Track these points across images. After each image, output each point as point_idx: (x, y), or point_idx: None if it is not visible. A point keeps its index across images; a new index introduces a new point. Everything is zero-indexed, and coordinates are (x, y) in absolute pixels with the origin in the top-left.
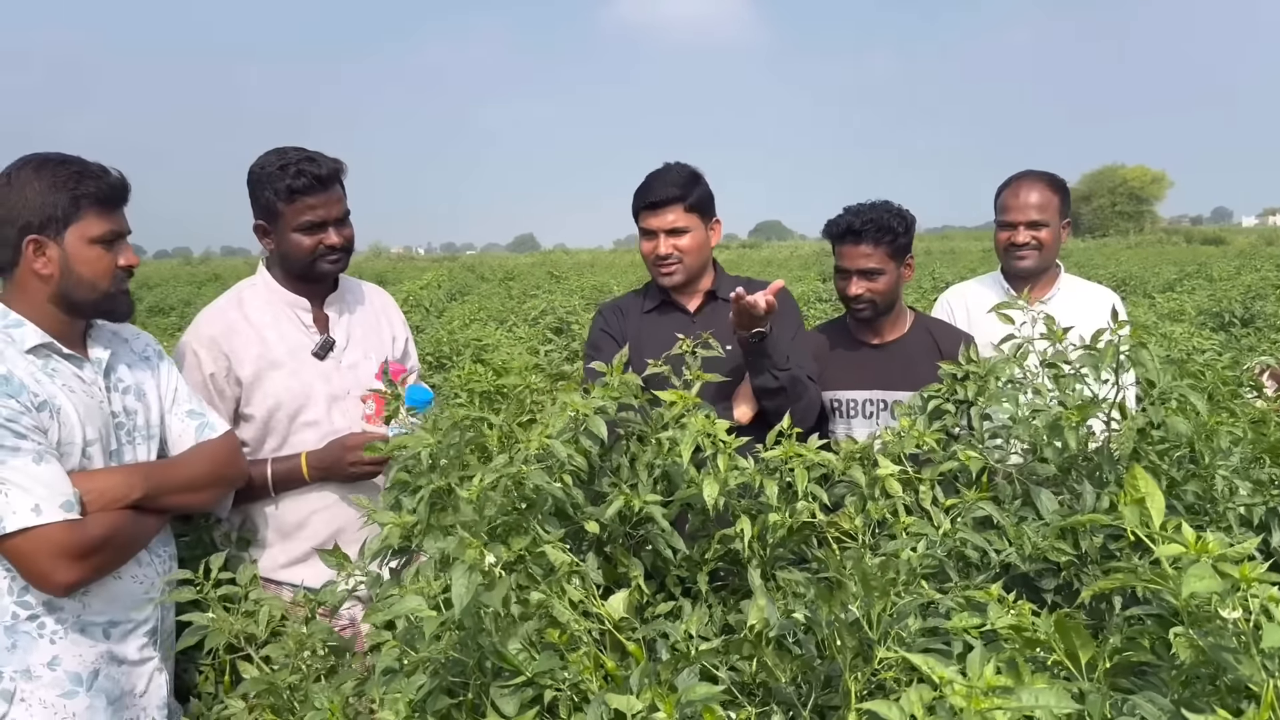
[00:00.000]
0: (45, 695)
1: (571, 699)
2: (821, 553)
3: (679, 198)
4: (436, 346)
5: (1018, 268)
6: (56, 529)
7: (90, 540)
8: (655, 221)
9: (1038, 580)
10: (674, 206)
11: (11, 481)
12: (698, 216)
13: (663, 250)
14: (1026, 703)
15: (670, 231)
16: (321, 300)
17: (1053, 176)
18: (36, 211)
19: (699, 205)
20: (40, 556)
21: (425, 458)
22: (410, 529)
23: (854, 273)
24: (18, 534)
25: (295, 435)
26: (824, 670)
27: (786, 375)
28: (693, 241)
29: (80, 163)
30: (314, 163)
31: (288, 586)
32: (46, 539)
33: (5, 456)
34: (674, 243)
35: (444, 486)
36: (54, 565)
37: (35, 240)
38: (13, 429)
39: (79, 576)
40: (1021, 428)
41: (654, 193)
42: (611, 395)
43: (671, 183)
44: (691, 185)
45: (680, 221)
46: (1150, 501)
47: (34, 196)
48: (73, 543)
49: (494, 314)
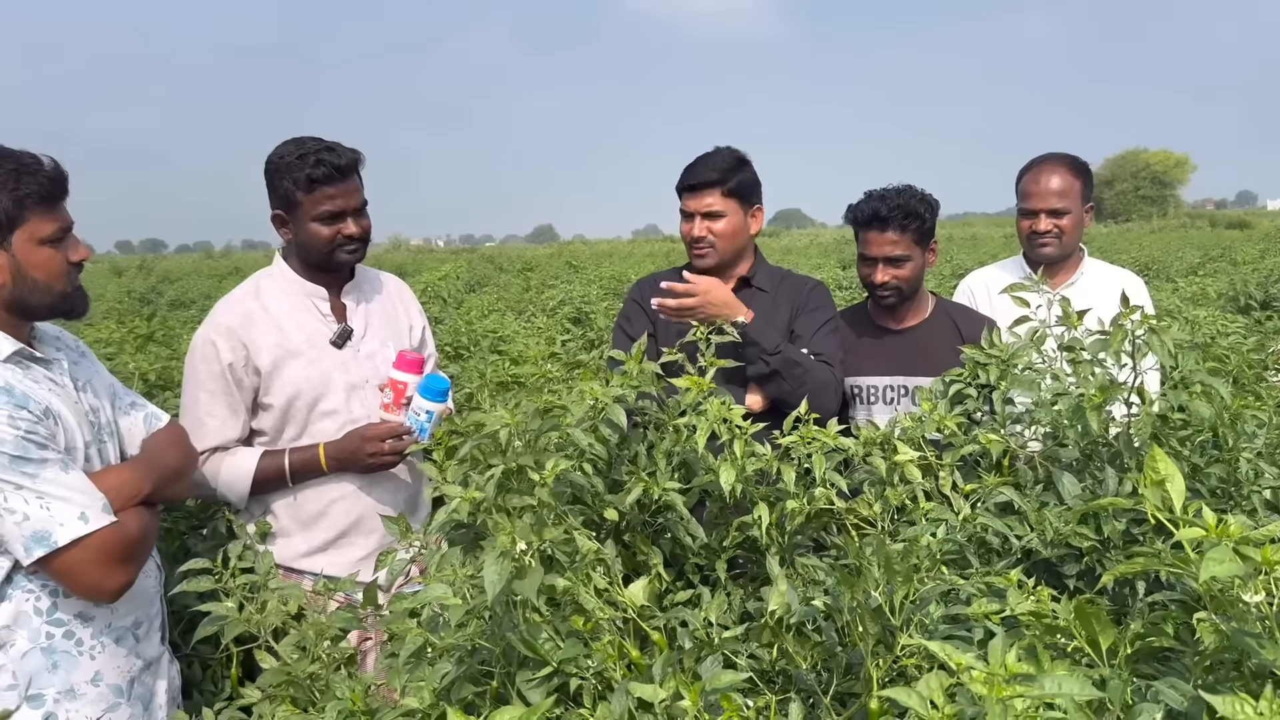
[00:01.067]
0: (90, 712)
1: (596, 688)
2: (840, 539)
3: (717, 182)
4: (455, 337)
5: (1040, 255)
6: (105, 534)
7: (132, 540)
8: (693, 204)
9: (1059, 565)
10: (712, 190)
11: (50, 494)
12: (736, 202)
13: (697, 233)
14: (1048, 690)
15: (706, 215)
16: (339, 289)
17: (1075, 160)
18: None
19: (739, 190)
20: (92, 565)
21: (505, 437)
22: (478, 505)
23: (880, 260)
24: (70, 546)
25: (314, 424)
26: (845, 657)
27: (779, 359)
28: (728, 226)
29: (12, 157)
30: (333, 152)
31: (308, 575)
32: (98, 547)
33: (35, 470)
34: (709, 226)
35: (515, 468)
36: (106, 571)
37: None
38: (35, 440)
39: (128, 579)
40: (1043, 411)
41: (694, 175)
42: (631, 384)
43: (713, 166)
44: (733, 171)
45: (717, 205)
46: (1170, 484)
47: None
48: (120, 546)
49: (512, 305)
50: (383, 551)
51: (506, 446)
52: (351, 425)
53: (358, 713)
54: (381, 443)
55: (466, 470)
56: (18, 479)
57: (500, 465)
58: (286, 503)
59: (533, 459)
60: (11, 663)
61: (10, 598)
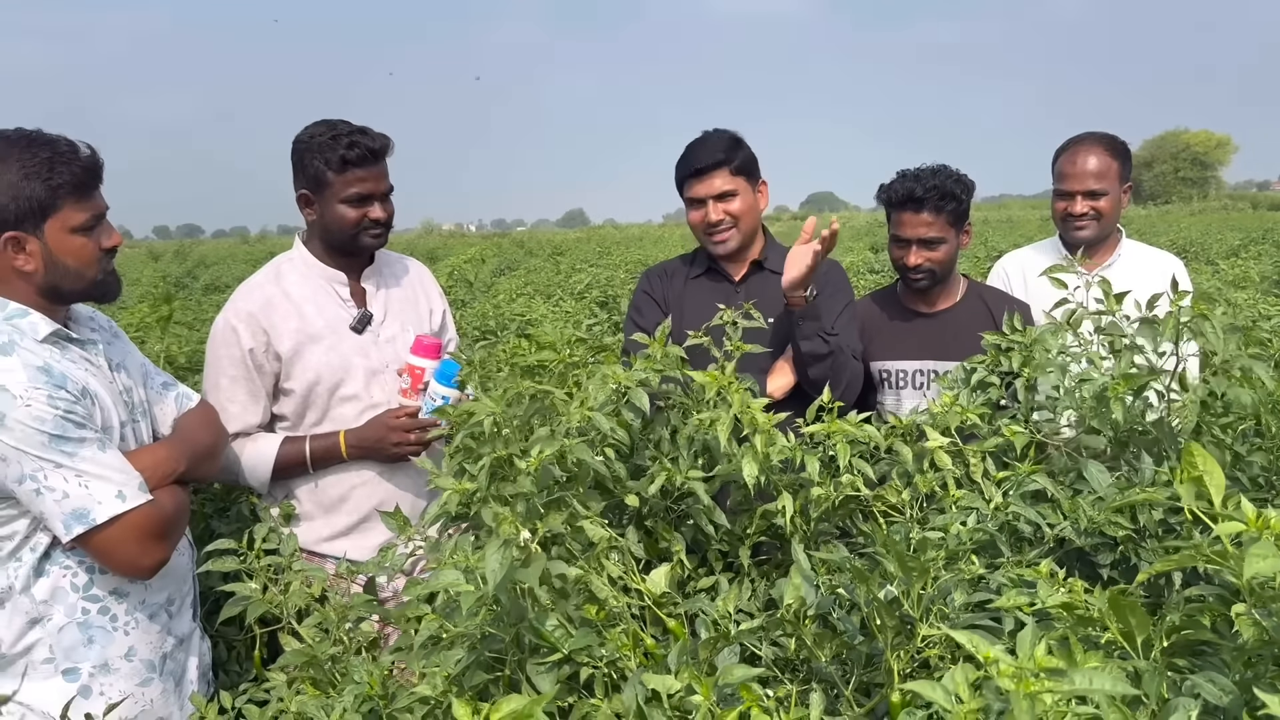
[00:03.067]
0: (124, 686)
1: (609, 677)
2: (868, 527)
3: (723, 161)
4: (482, 321)
5: (1077, 238)
6: (142, 512)
7: (167, 518)
8: (702, 189)
9: (1093, 555)
10: (719, 170)
11: (89, 473)
12: (744, 179)
13: (713, 217)
14: (1079, 685)
15: (719, 196)
16: (358, 274)
17: (1112, 139)
18: (10, 206)
19: (744, 168)
20: (130, 542)
21: (489, 426)
22: (470, 496)
23: (914, 242)
24: (108, 524)
25: (334, 409)
26: (866, 648)
27: (835, 341)
28: (743, 204)
29: (49, 144)
30: (367, 135)
31: (330, 559)
32: (135, 524)
33: (74, 449)
34: (724, 207)
35: (505, 456)
36: (143, 549)
37: (13, 237)
38: (73, 420)
39: (163, 556)
40: (1068, 399)
41: (697, 159)
42: (654, 368)
43: (714, 148)
44: (735, 148)
45: (728, 185)
46: (1209, 479)
47: (5, 189)
48: (156, 523)
49: (541, 288)
50: (383, 546)
51: (496, 434)
52: (371, 410)
53: (375, 697)
54: (406, 432)
55: (460, 461)
56: (57, 457)
57: (489, 455)
58: (308, 488)
59: (519, 447)
60: (49, 637)
61: (48, 573)
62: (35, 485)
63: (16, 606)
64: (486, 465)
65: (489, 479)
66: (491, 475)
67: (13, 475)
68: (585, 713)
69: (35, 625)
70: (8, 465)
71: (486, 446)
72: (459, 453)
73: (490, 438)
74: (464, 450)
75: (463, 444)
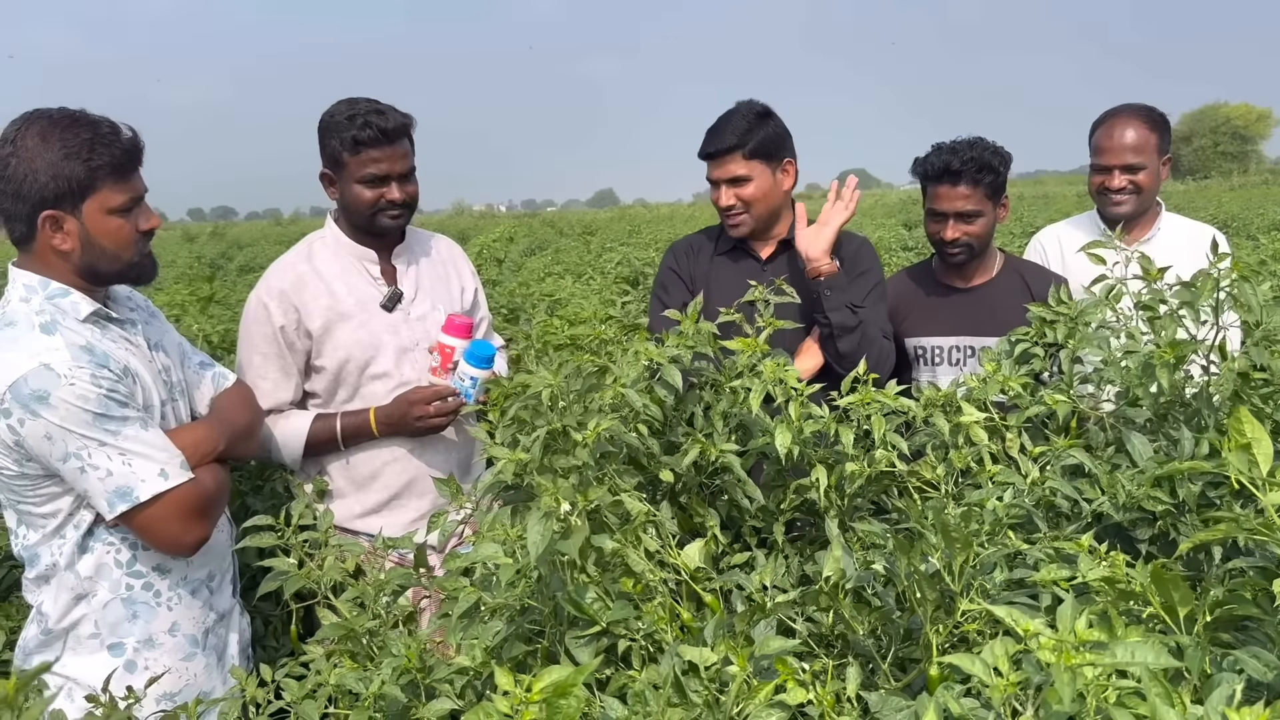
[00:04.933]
0: (167, 661)
1: (646, 649)
2: (902, 502)
3: (735, 146)
4: (510, 299)
5: (1115, 213)
6: (184, 490)
7: (209, 495)
8: (715, 172)
9: (1132, 530)
10: (732, 155)
11: (132, 451)
12: (761, 162)
13: (725, 201)
14: (1120, 658)
15: (730, 181)
16: (389, 252)
17: (1150, 111)
18: (49, 185)
19: (761, 149)
20: (172, 520)
21: (547, 397)
22: (524, 466)
23: (950, 215)
24: (151, 501)
25: (365, 387)
26: (904, 623)
27: (863, 313)
28: (757, 189)
29: (90, 125)
30: (382, 115)
31: (364, 536)
32: (177, 502)
33: (117, 427)
34: (736, 192)
35: (559, 428)
36: (185, 526)
37: (51, 216)
38: (116, 398)
39: (205, 533)
40: (1113, 370)
41: (710, 143)
42: (687, 344)
43: (730, 131)
44: (752, 129)
45: (740, 170)
46: (1258, 447)
47: (45, 169)
48: (198, 501)
49: (571, 268)
50: (434, 513)
51: (552, 406)
52: (402, 387)
53: (413, 669)
54: (427, 405)
55: (514, 432)
56: (101, 436)
57: (544, 426)
58: (340, 465)
59: (575, 420)
60: (94, 612)
61: (92, 550)
62: (80, 463)
63: (62, 583)
64: (541, 436)
65: (542, 451)
66: (545, 447)
67: (57, 453)
68: (623, 683)
69: (80, 601)
70: (53, 443)
71: (541, 419)
72: (512, 424)
73: (546, 410)
74: (517, 422)
75: (517, 415)
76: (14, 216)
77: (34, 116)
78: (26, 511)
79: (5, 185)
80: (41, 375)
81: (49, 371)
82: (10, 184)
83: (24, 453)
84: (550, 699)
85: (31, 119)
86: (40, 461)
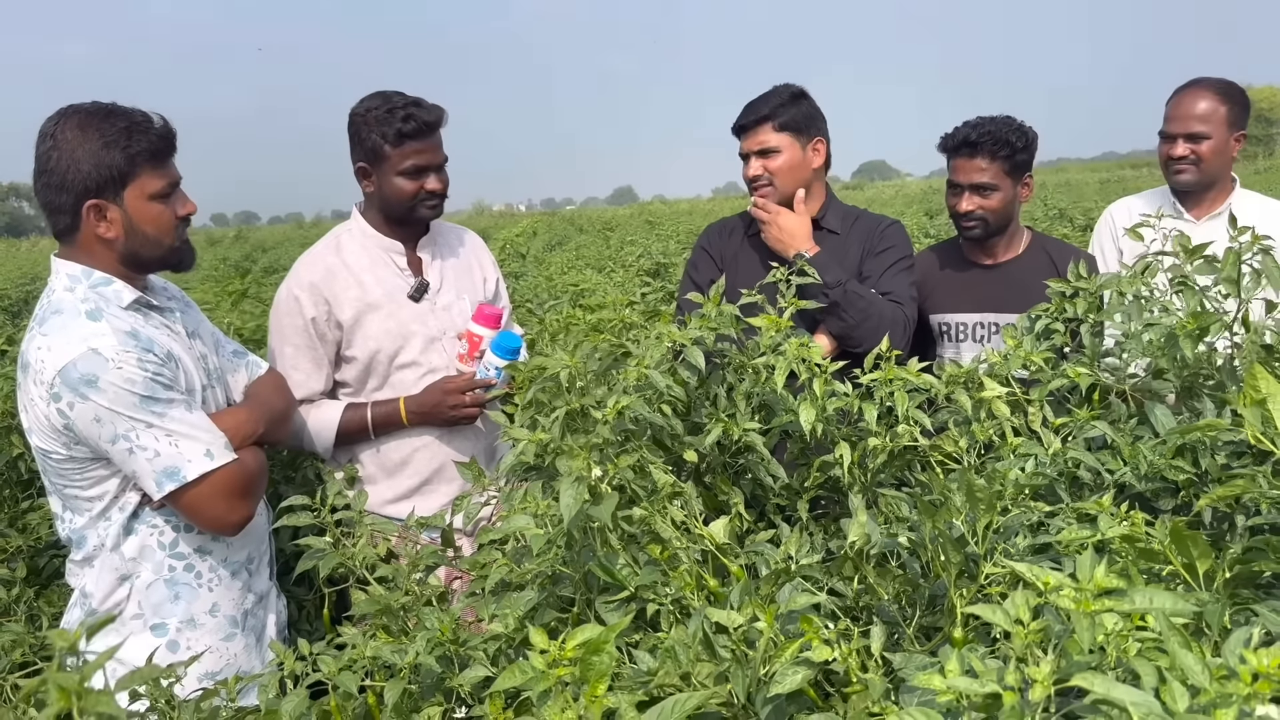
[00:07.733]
0: (208, 641)
1: (674, 613)
2: (925, 476)
3: (766, 116)
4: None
5: (1176, 182)
6: (229, 470)
7: (252, 475)
8: (746, 144)
9: (1155, 500)
10: (763, 126)
11: (178, 433)
12: (790, 135)
13: (752, 171)
14: (1139, 604)
15: (760, 152)
16: (415, 244)
17: (1225, 84)
18: (91, 175)
19: (792, 124)
20: (218, 499)
21: (565, 378)
22: (544, 447)
23: (966, 187)
24: (198, 481)
25: (395, 376)
26: (928, 589)
27: (838, 292)
28: (785, 162)
29: (125, 115)
30: (421, 108)
31: (396, 521)
32: (222, 482)
33: (163, 409)
34: (764, 163)
35: (578, 408)
36: (230, 506)
37: (95, 205)
38: (161, 381)
39: (248, 512)
40: (1134, 342)
41: (744, 114)
42: (709, 326)
43: (763, 102)
44: (786, 105)
45: (770, 141)
46: (1272, 403)
47: (86, 158)
48: (242, 481)
49: (591, 262)
50: (459, 496)
51: (570, 387)
52: (431, 376)
53: (447, 642)
54: (462, 395)
55: (532, 414)
56: (148, 418)
57: (564, 406)
58: (371, 452)
59: (594, 400)
60: (138, 593)
61: (136, 532)
62: (128, 445)
63: (106, 564)
64: (560, 416)
65: (562, 431)
66: (565, 427)
67: (106, 435)
68: (653, 644)
69: (124, 582)
70: (101, 426)
71: (560, 399)
72: (530, 406)
73: (564, 390)
74: (536, 404)
75: (535, 398)
76: (59, 209)
77: (69, 111)
78: (73, 495)
79: (49, 179)
80: (90, 360)
81: (97, 356)
82: (54, 177)
83: (73, 436)
84: (583, 656)
85: (66, 114)
86: (89, 444)
